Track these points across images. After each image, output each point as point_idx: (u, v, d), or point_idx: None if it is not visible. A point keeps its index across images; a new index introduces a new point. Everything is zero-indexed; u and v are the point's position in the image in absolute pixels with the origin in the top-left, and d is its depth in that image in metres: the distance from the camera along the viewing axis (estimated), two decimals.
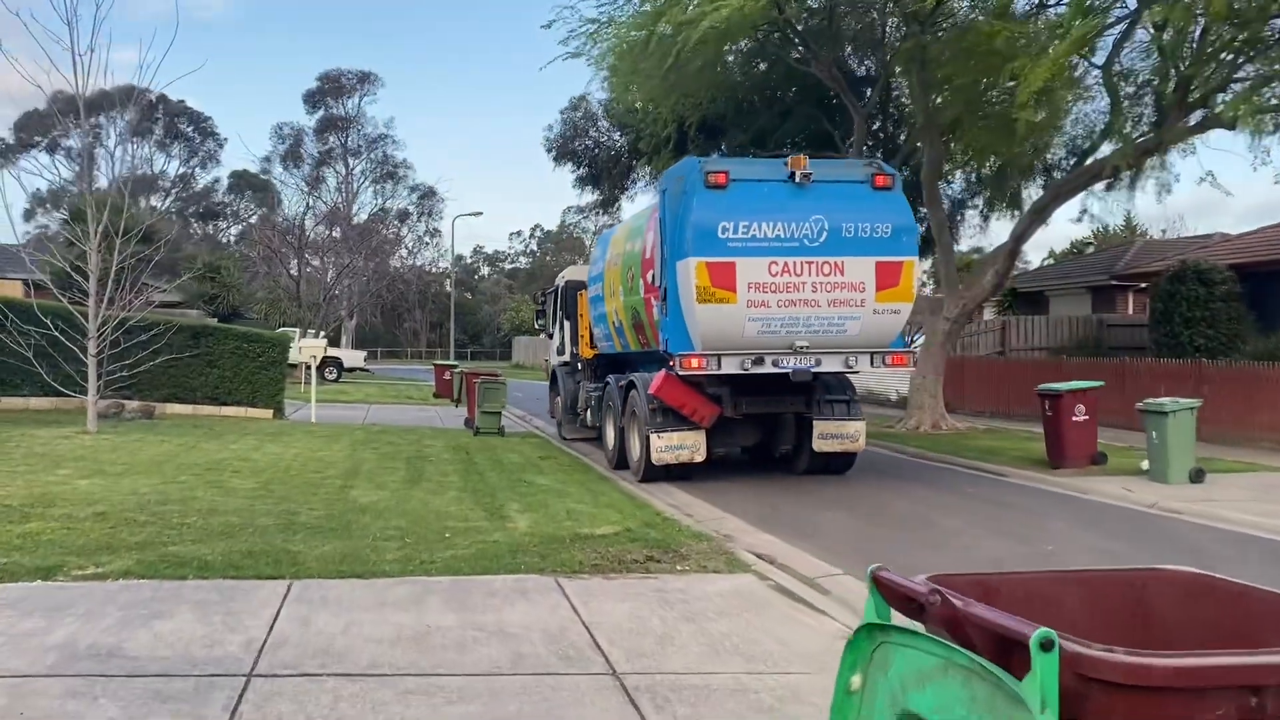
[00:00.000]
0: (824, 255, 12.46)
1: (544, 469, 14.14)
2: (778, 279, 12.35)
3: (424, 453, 15.34)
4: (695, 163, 13.05)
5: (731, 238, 12.30)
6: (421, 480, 12.22)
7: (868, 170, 13.20)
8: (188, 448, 14.21)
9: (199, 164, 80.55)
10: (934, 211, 20.68)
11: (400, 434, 18.35)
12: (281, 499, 10.29)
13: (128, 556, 7.35)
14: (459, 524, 9.33)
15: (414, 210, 65.54)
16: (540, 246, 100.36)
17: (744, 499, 12.31)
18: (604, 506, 10.74)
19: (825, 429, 13.79)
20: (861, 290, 12.61)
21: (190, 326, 20.23)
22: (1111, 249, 37.97)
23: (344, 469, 12.88)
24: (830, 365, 12.98)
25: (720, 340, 12.47)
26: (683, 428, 13.26)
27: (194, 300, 48.38)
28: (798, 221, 12.43)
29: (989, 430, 20.49)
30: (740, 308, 12.30)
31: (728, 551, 8.70)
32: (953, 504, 12.06)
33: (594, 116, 32.47)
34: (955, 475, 14.93)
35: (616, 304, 15.90)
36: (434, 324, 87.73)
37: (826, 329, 12.63)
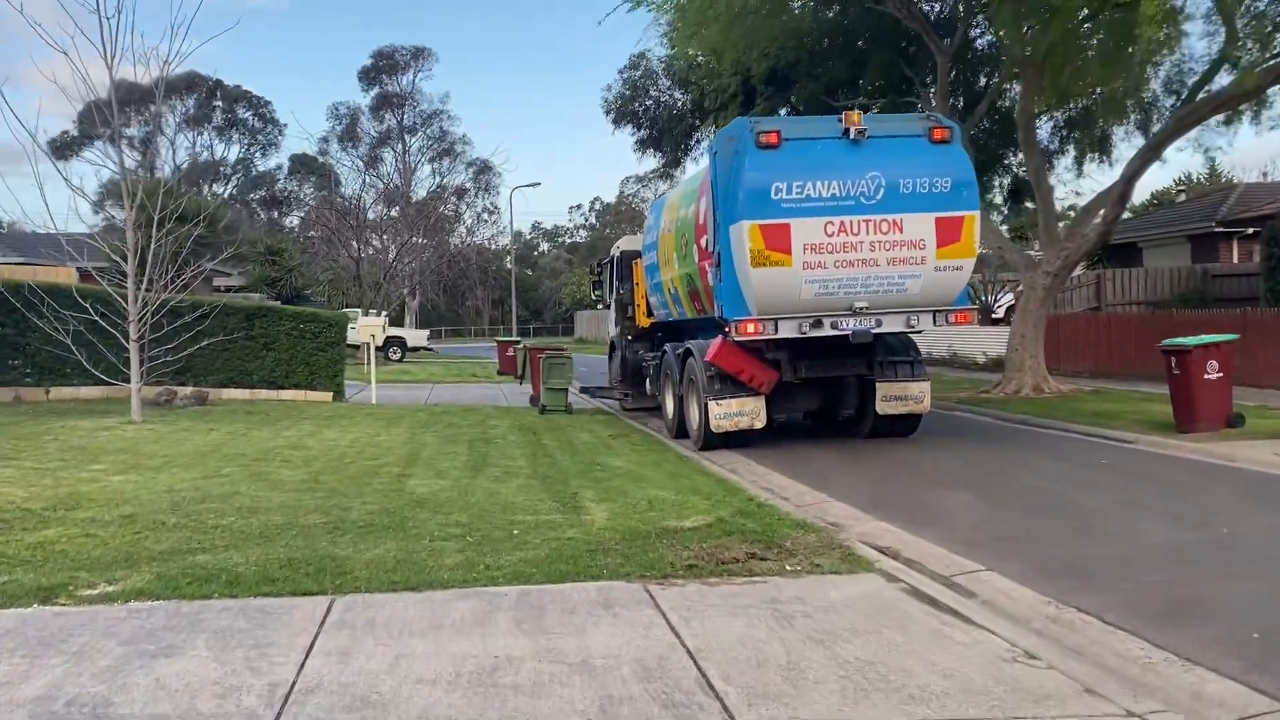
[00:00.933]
0: (882, 213, 11.88)
1: (616, 449, 12.97)
2: (834, 239, 11.76)
3: (488, 434, 14.26)
4: (745, 123, 12.32)
5: (785, 198, 11.74)
6: (486, 466, 11.11)
7: (925, 124, 12.52)
8: (237, 436, 13.28)
9: (259, 150, 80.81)
10: (1030, 155, 18.94)
11: (463, 414, 17.32)
12: (331, 492, 9.24)
13: (146, 570, 6.30)
14: (528, 518, 8.17)
15: (472, 186, 64.50)
16: (599, 219, 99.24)
17: (841, 475, 11.00)
18: (688, 492, 9.53)
19: (888, 390, 13.24)
20: (922, 247, 12.02)
21: (244, 308, 19.38)
22: (1207, 196, 35.59)
23: (402, 455, 11.83)
24: (891, 325, 12.36)
25: (777, 304, 11.93)
26: (741, 394, 12.76)
27: (257, 284, 48.22)
28: (853, 179, 11.87)
29: (1096, 392, 18.82)
30: (796, 270, 11.74)
31: (841, 545, 7.42)
32: (1086, 478, 10.61)
33: (654, 75, 30.93)
34: (1075, 443, 13.42)
35: (671, 272, 15.31)
36: (496, 301, 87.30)
37: (886, 288, 12.06)
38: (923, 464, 11.95)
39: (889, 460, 12.27)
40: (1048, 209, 19.00)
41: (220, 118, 79.83)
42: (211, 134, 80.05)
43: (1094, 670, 4.93)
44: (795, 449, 13.36)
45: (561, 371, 17.93)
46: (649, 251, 17.08)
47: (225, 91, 79.30)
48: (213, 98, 78.89)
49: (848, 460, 12.33)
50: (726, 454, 12.98)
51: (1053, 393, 18.82)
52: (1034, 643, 5.31)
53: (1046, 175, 19.55)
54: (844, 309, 12.17)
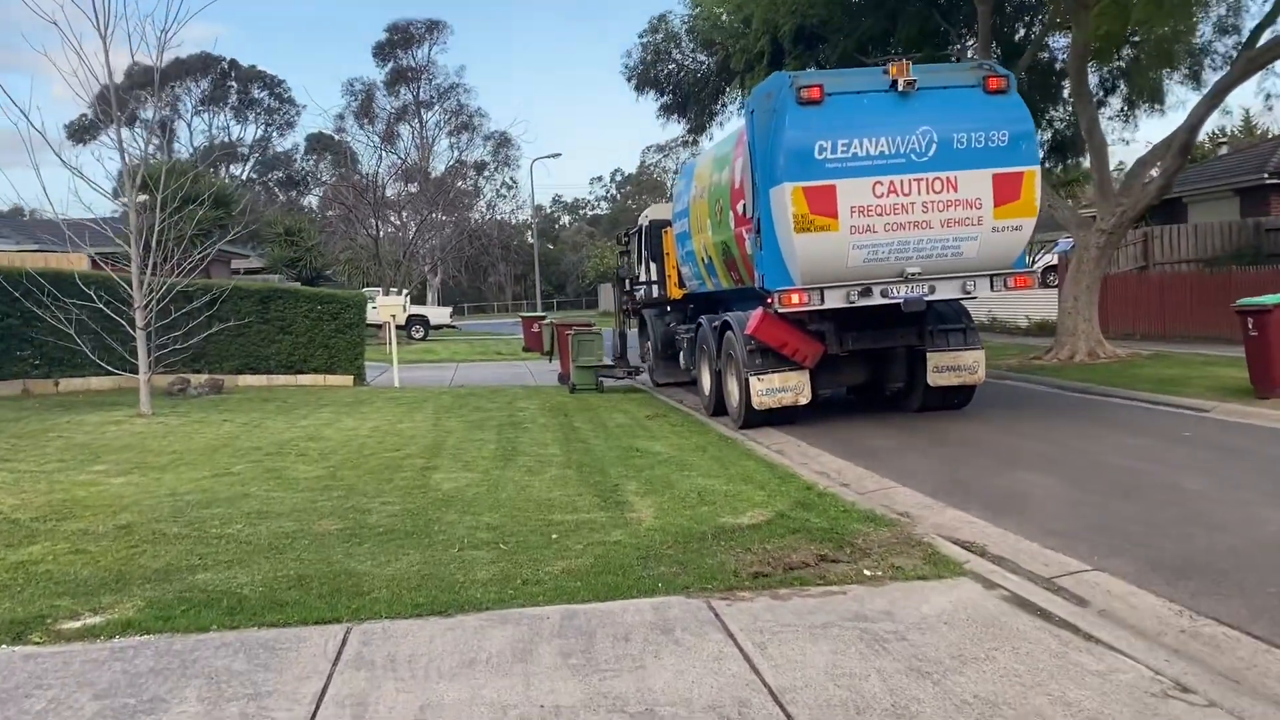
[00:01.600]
0: (934, 171, 11.00)
1: (654, 431, 12.14)
2: (883, 200, 10.89)
3: (517, 418, 13.46)
4: (785, 77, 11.36)
5: (830, 158, 10.86)
6: (516, 455, 10.31)
7: (978, 73, 11.51)
8: (251, 427, 12.54)
9: (276, 130, 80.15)
10: (1082, 106, 17.82)
11: (490, 396, 16.55)
12: (350, 490, 8.46)
13: (138, 595, 5.53)
14: (567, 516, 7.36)
15: (491, 161, 63.55)
16: (620, 191, 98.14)
17: (899, 456, 10.13)
18: (738, 480, 8.69)
19: (940, 361, 12.36)
20: (978, 207, 11.11)
21: (258, 291, 18.63)
22: (1253, 147, 34.17)
23: (426, 444, 11.04)
24: (945, 292, 11.49)
25: (822, 272, 11.08)
26: (784, 368, 12.02)
27: (276, 265, 47.68)
28: (903, 135, 10.97)
29: (1155, 356, 17.80)
30: (843, 235, 10.88)
31: (920, 541, 6.56)
32: (1173, 454, 9.68)
33: (676, 37, 29.81)
34: (1147, 414, 12.47)
35: (705, 240, 14.46)
36: (518, 276, 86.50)
37: (940, 252, 11.20)
38: (985, 440, 11.05)
39: (947, 437, 11.38)
40: (1101, 163, 17.91)
41: (236, 98, 79.21)
42: (228, 115, 79.51)
43: (1266, 708, 4.06)
44: (843, 425, 12.51)
45: (591, 349, 17.16)
46: (679, 219, 16.20)
47: (240, 72, 78.66)
48: (227, 79, 78.28)
49: (903, 437, 11.45)
50: (770, 433, 12.17)
51: (1109, 358, 17.83)
52: (1177, 668, 4.44)
53: (1100, 127, 18.41)
54: (894, 276, 11.29)
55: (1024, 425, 11.96)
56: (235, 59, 77.83)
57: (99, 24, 12.35)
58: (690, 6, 28.89)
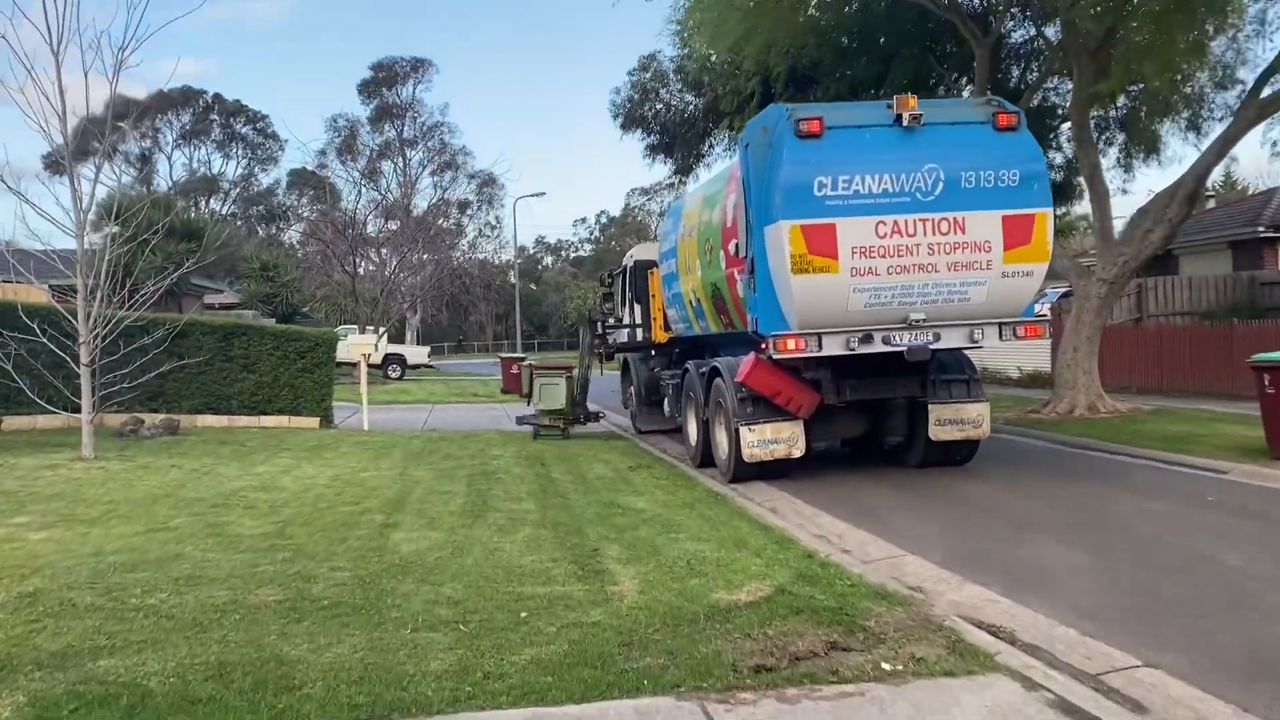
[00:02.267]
0: (941, 211, 10.30)
1: (637, 485, 11.30)
2: (887, 241, 10.21)
3: (490, 467, 12.58)
4: (782, 109, 10.71)
5: (829, 195, 10.16)
6: (486, 510, 9.43)
7: (987, 109, 10.90)
8: (201, 474, 11.60)
9: (258, 165, 79.43)
10: (1084, 153, 17.27)
11: (463, 442, 15.66)
12: (297, 552, 7.57)
13: (21, 688, 4.63)
14: (539, 589, 6.50)
15: (474, 199, 62.96)
16: (604, 232, 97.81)
17: (903, 517, 9.33)
18: (731, 545, 7.85)
19: (942, 414, 11.66)
20: (987, 250, 10.41)
21: (222, 326, 17.72)
22: (1244, 200, 33.95)
23: (389, 497, 10.15)
24: (951, 340, 10.78)
25: (820, 317, 10.35)
26: (776, 419, 11.28)
27: (251, 301, 46.71)
28: (908, 172, 10.26)
29: (1157, 411, 17.12)
30: (843, 277, 10.17)
31: (941, 626, 5.75)
32: (1202, 521, 8.91)
33: (664, 77, 29.36)
34: (1160, 475, 11.73)
35: (693, 281, 13.72)
36: (499, 316, 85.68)
37: (946, 298, 10.49)
38: (993, 501, 10.26)
39: (953, 496, 10.60)
40: (1103, 211, 17.34)
41: (219, 132, 78.52)
42: (210, 149, 78.75)
43: None
44: (839, 481, 11.72)
45: (554, 394, 16.37)
46: (666, 260, 15.49)
47: (223, 106, 78.05)
48: (210, 113, 77.65)
49: (904, 496, 10.66)
50: (762, 488, 11.37)
51: (1110, 412, 17.14)
52: None
53: (1102, 174, 17.87)
54: (898, 322, 10.56)
55: (1032, 485, 11.18)
56: (219, 93, 77.29)
57: (51, 40, 11.58)
58: (679, 47, 28.46)
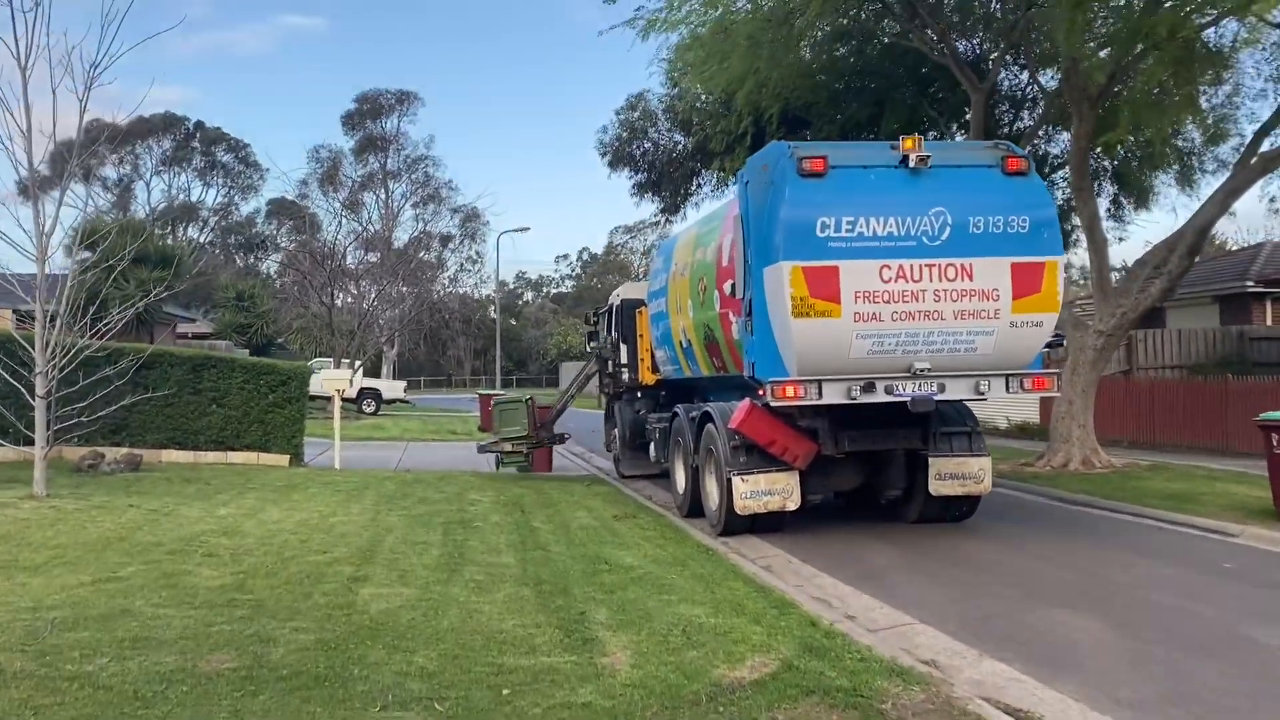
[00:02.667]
0: (948, 256, 9.95)
1: (624, 537, 10.70)
2: (891, 286, 9.82)
3: (467, 514, 11.95)
4: (784, 147, 10.34)
5: (833, 236, 9.78)
6: (463, 564, 8.81)
7: (995, 153, 10.60)
8: (160, 515, 10.91)
9: (238, 193, 78.73)
10: (1083, 202, 16.97)
11: (438, 484, 15.02)
12: (258, 608, 6.93)
13: None
14: (522, 660, 5.90)
15: (457, 233, 62.39)
16: (586, 270, 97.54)
17: (907, 579, 8.81)
18: (728, 609, 7.28)
19: (943, 467, 11.20)
20: (995, 298, 10.04)
21: (190, 358, 17.05)
22: (1230, 255, 33.97)
23: (359, 546, 9.50)
24: (956, 391, 10.35)
25: (821, 363, 9.89)
26: (771, 469, 10.79)
27: (226, 331, 45.95)
28: (914, 215, 9.91)
29: (1154, 468, 16.70)
30: (846, 322, 9.78)
31: (965, 710, 5.22)
32: (1226, 593, 8.40)
33: (653, 116, 29.08)
34: (1168, 536, 11.26)
35: (684, 321, 13.24)
36: (478, 351, 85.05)
37: (952, 347, 10.07)
38: (999, 563, 9.74)
39: (956, 556, 10.08)
40: (1102, 261, 17.02)
41: (200, 160, 77.84)
42: (191, 176, 78.02)
43: None
44: (835, 537, 11.20)
45: (513, 418, 16.06)
46: (655, 299, 15.00)
47: (205, 134, 77.45)
48: (191, 140, 77.02)
49: (905, 555, 10.13)
50: (755, 543, 10.84)
51: (1105, 467, 16.71)
52: None
53: (1101, 223, 17.59)
54: (901, 371, 10.10)
55: (1037, 545, 10.68)
56: (201, 120, 76.76)
57: (17, 53, 11.00)
58: (669, 86, 28.24)
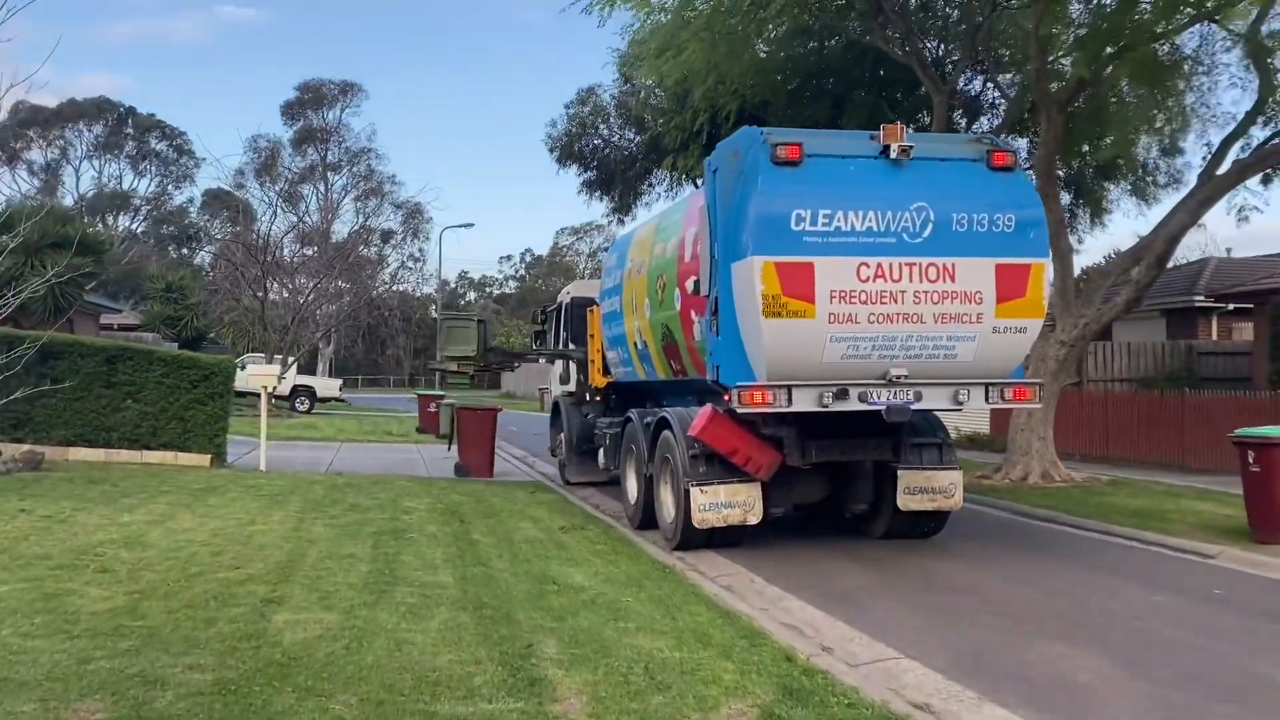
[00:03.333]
0: (929, 255, 9.29)
1: (572, 551, 9.84)
2: (869, 286, 9.14)
3: (401, 523, 10.98)
4: (756, 132, 9.60)
5: (808, 230, 9.05)
6: (395, 582, 7.87)
7: (979, 146, 10.00)
8: (55, 521, 9.78)
9: (172, 183, 76.28)
10: (1048, 207, 16.36)
11: (372, 488, 14.00)
12: (148, 639, 5.94)
13: None
14: (459, 707, 5.00)
15: (399, 230, 60.82)
16: (530, 271, 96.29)
17: (884, 604, 8.07)
18: (693, 640, 6.46)
19: (913, 481, 10.57)
20: (978, 301, 9.39)
21: (104, 348, 15.77)
22: (1177, 269, 34.02)
23: (277, 561, 8.50)
24: (933, 400, 9.68)
25: (792, 367, 9.18)
26: (733, 480, 10.05)
27: (154, 323, 44.20)
28: (894, 210, 9.23)
29: (1114, 482, 16.25)
30: (820, 324, 9.07)
31: None
32: (1226, 625, 7.78)
33: (604, 111, 28.31)
34: (1144, 557, 10.70)
35: (640, 321, 12.47)
36: (418, 350, 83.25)
37: (931, 353, 9.42)
38: (978, 586, 9.05)
39: (931, 578, 9.37)
40: (1066, 270, 16.53)
41: (133, 147, 75.24)
42: (123, 163, 75.39)
43: None
44: (798, 553, 10.46)
45: (463, 337, 15.86)
46: (609, 297, 14.14)
47: (138, 120, 74.90)
48: (124, 126, 74.44)
49: (877, 576, 9.40)
50: (713, 559, 10.06)
51: (1064, 481, 16.23)
52: None
53: (1066, 232, 17.15)
54: (876, 377, 9.37)
55: (1013, 565, 10.02)
56: (134, 107, 74.26)
57: None
58: (621, 82, 27.48)
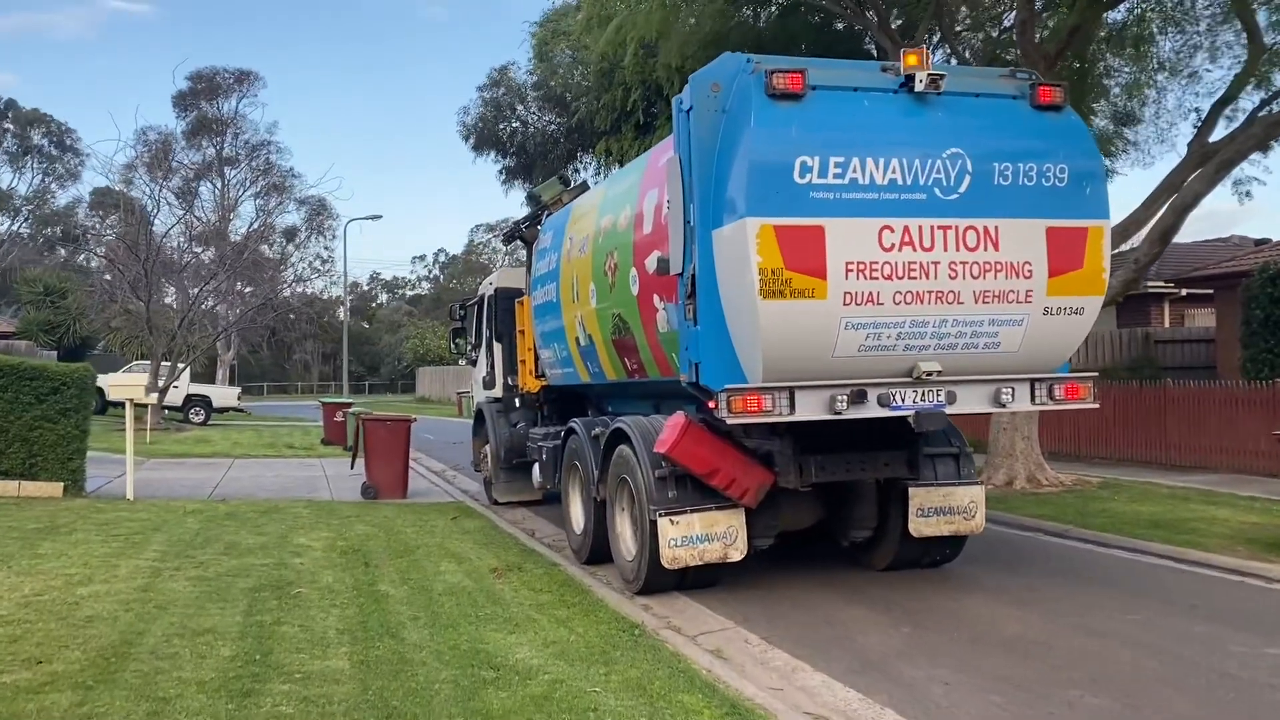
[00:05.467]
0: (968, 216, 7.27)
1: (509, 605, 7.63)
2: (895, 256, 7.09)
3: (288, 571, 8.63)
4: (741, 59, 7.45)
5: (816, 184, 6.95)
6: (267, 674, 5.57)
7: (1018, 81, 7.87)
8: None
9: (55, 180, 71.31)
10: None
11: (260, 520, 11.58)
12: None
13: None
14: None
15: (303, 228, 57.29)
16: (444, 271, 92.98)
17: (927, 672, 6.05)
18: None
19: (927, 500, 8.53)
20: (1026, 274, 7.42)
21: None
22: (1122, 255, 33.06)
23: (101, 647, 6.09)
24: (969, 402, 7.66)
25: (796, 363, 7.10)
26: (709, 506, 7.96)
27: (30, 329, 40.59)
28: (923, 158, 7.19)
29: (1107, 485, 14.61)
30: (833, 306, 7.00)
31: None
32: None
33: (520, 92, 26.00)
34: (1201, 583, 8.88)
35: (583, 311, 10.23)
36: (327, 355, 79.66)
37: (969, 341, 7.42)
38: (1048, 642, 7.08)
39: (976, 628, 7.38)
40: None
41: (11, 143, 70.16)
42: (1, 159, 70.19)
43: None
44: (793, 593, 8.43)
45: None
46: (541, 285, 11.84)
47: (19, 114, 69.92)
48: (1, 119, 69.37)
49: (906, 627, 7.38)
50: (688, 607, 8.01)
51: (1053, 485, 14.56)
52: None
53: None
54: (901, 374, 7.38)
55: (1062, 604, 8.08)
56: (14, 99, 69.32)
57: None
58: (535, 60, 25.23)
